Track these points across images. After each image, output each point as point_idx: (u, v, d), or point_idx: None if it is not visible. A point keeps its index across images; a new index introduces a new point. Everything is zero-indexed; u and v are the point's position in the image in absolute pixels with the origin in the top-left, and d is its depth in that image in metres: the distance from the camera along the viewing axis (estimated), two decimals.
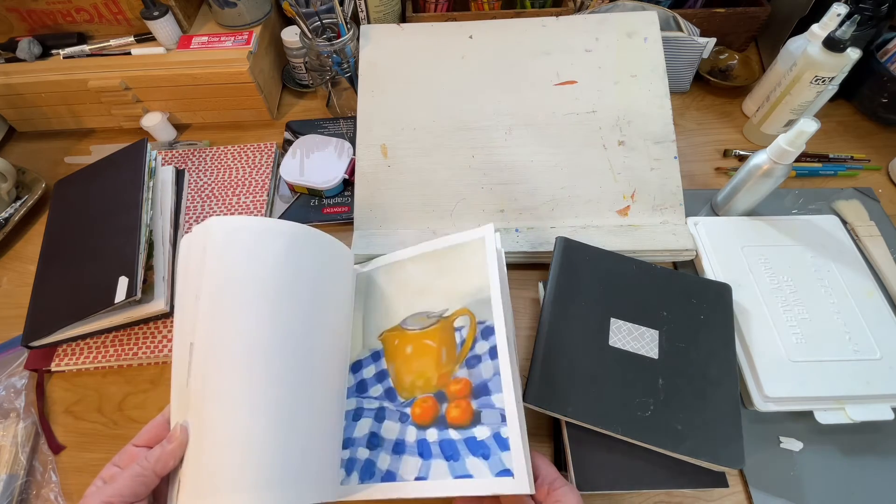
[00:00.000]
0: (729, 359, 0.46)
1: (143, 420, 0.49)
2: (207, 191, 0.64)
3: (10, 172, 0.63)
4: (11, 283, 0.60)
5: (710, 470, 0.42)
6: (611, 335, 0.47)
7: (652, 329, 0.47)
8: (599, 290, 0.49)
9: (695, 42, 0.66)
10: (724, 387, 0.45)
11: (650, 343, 0.46)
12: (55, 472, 0.47)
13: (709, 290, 0.50)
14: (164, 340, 0.52)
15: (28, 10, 0.65)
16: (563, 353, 0.45)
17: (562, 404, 0.43)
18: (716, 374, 0.45)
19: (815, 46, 0.57)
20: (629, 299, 0.49)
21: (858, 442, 0.46)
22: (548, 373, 0.44)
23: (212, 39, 0.67)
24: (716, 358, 0.46)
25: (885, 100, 0.66)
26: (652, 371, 0.45)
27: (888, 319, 0.49)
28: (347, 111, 0.73)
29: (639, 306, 0.49)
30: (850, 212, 0.60)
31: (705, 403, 0.44)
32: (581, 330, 0.47)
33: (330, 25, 0.65)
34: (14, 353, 0.53)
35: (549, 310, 0.48)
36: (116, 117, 0.71)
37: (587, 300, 0.49)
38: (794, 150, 0.50)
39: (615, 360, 0.45)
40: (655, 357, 0.46)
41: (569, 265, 0.51)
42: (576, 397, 0.43)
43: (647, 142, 0.59)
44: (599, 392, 0.44)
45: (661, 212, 0.57)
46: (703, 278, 0.53)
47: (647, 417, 0.43)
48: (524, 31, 0.64)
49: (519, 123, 0.60)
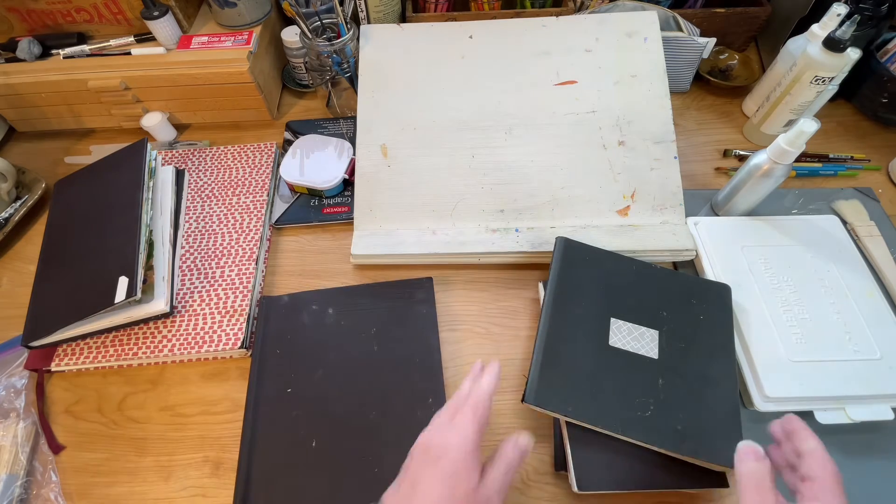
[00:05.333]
0: (728, 359, 0.46)
1: (143, 420, 0.50)
2: (207, 191, 0.64)
3: (10, 172, 0.63)
4: (11, 283, 0.60)
5: (711, 470, 0.42)
6: (611, 335, 0.47)
7: (652, 329, 0.47)
8: (599, 290, 0.49)
9: (695, 42, 0.66)
10: (724, 387, 0.45)
11: (650, 343, 0.46)
12: (55, 472, 0.47)
13: (709, 291, 0.50)
14: (164, 340, 0.52)
15: (28, 10, 0.65)
16: (563, 354, 0.45)
17: (562, 404, 0.43)
18: (715, 375, 0.45)
19: (815, 46, 0.57)
20: (629, 299, 0.49)
21: (858, 442, 0.46)
22: (547, 373, 0.44)
23: (212, 39, 0.67)
24: (715, 358, 0.46)
25: (885, 100, 0.65)
26: (652, 371, 0.45)
27: (888, 319, 0.49)
28: (347, 111, 0.73)
29: (639, 306, 0.48)
30: (850, 212, 0.60)
31: (705, 404, 0.44)
32: (581, 330, 0.47)
33: (330, 25, 0.65)
34: (14, 353, 0.53)
35: (548, 310, 0.48)
36: (116, 117, 0.71)
37: (587, 300, 0.49)
38: (794, 150, 0.50)
39: (615, 359, 0.45)
40: (655, 357, 0.46)
41: (569, 265, 0.51)
42: (576, 397, 0.43)
43: (647, 142, 0.59)
44: (599, 392, 0.44)
45: (661, 212, 0.57)
46: (703, 279, 0.53)
47: (647, 417, 0.43)
48: (524, 31, 0.64)
49: (519, 123, 0.60)
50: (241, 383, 0.51)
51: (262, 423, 0.48)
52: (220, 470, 0.47)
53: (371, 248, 0.57)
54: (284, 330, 0.53)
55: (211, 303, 0.54)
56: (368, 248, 0.57)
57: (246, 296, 0.55)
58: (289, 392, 0.50)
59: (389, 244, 0.57)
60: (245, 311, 0.54)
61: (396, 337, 0.53)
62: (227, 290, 0.55)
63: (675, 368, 0.45)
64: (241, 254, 0.58)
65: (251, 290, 0.55)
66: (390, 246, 0.57)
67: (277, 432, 0.48)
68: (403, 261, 0.57)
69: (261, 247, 0.59)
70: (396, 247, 0.57)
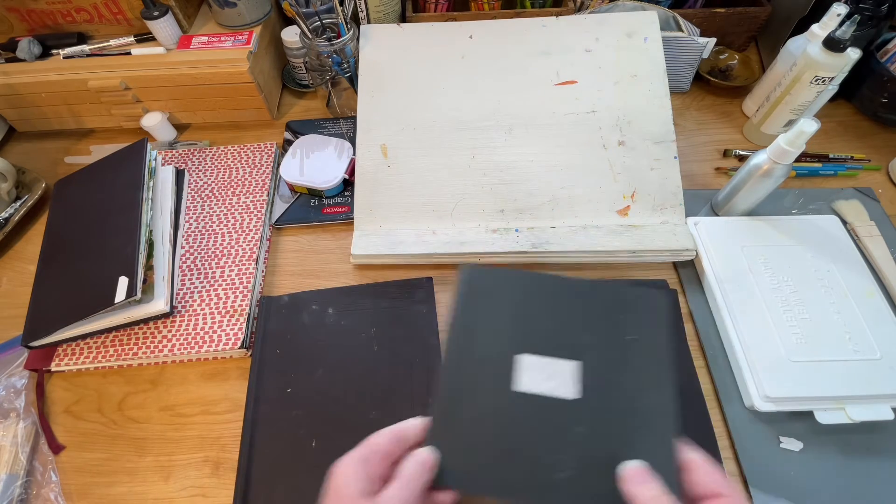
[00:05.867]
0: (663, 387, 0.36)
1: (143, 420, 0.50)
2: (207, 191, 0.64)
3: (10, 172, 0.63)
4: (11, 283, 0.60)
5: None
6: (518, 377, 0.36)
7: (569, 361, 0.36)
8: (507, 323, 0.39)
9: (695, 42, 0.66)
10: (661, 420, 0.35)
11: (567, 380, 0.36)
12: (55, 472, 0.47)
13: (640, 299, 0.39)
14: (164, 340, 0.52)
15: (28, 10, 0.65)
16: (461, 413, 0.35)
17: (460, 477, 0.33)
18: (651, 405, 0.35)
19: (815, 46, 0.57)
20: (544, 328, 0.38)
21: (858, 442, 0.46)
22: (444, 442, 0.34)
23: (212, 39, 0.67)
24: (651, 384, 0.36)
25: (885, 100, 0.65)
26: (567, 417, 0.35)
27: (888, 319, 0.49)
28: (347, 111, 0.73)
29: (556, 334, 0.38)
30: (850, 212, 0.60)
31: (638, 447, 0.33)
32: (482, 376, 0.36)
33: (330, 25, 0.65)
34: (14, 353, 0.53)
35: (446, 361, 0.37)
36: (116, 117, 0.71)
37: (491, 338, 0.38)
38: (794, 150, 0.50)
39: (522, 408, 0.35)
40: (572, 397, 0.35)
41: (472, 299, 0.40)
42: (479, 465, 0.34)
43: (647, 142, 0.59)
44: (506, 454, 0.34)
45: (661, 212, 0.57)
46: (632, 283, 0.45)
47: (565, 479, 0.33)
48: (524, 31, 0.64)
49: (519, 123, 0.60)
50: (241, 383, 0.51)
51: (262, 423, 0.48)
52: (220, 470, 0.47)
53: (371, 248, 0.57)
54: (284, 330, 0.53)
55: (211, 303, 0.54)
56: (368, 248, 0.57)
57: (246, 296, 0.55)
58: (289, 392, 0.50)
59: (389, 244, 0.57)
60: (245, 311, 0.54)
61: (396, 337, 0.53)
62: (227, 290, 0.55)
63: (599, 408, 0.35)
64: (241, 254, 0.58)
65: (251, 290, 0.55)
66: (390, 246, 0.57)
67: (277, 432, 0.48)
68: (403, 261, 0.57)
69: (261, 247, 0.59)
70: (396, 247, 0.57)
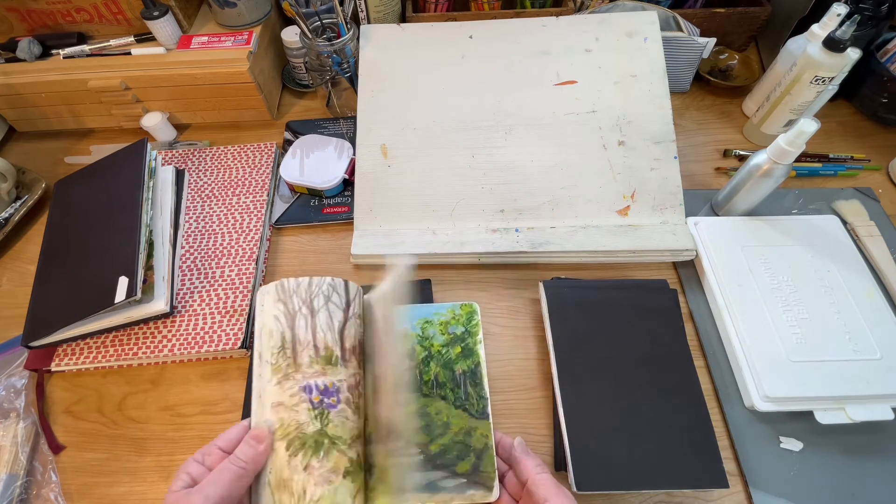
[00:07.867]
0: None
1: (143, 420, 0.50)
2: (207, 191, 0.64)
3: (10, 172, 0.63)
4: (11, 283, 0.60)
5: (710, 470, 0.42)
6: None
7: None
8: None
9: (695, 42, 0.66)
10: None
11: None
12: (55, 472, 0.47)
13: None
14: (164, 340, 0.52)
15: (28, 10, 0.65)
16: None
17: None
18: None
19: (815, 46, 0.57)
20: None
21: (858, 442, 0.46)
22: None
23: (212, 39, 0.67)
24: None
25: (885, 100, 0.65)
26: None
27: (888, 319, 0.49)
28: (347, 111, 0.73)
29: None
30: (850, 212, 0.60)
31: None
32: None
33: (330, 25, 0.65)
34: (14, 353, 0.53)
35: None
36: (116, 117, 0.71)
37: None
38: (794, 150, 0.50)
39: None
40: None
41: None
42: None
43: (647, 142, 0.59)
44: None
45: (661, 212, 0.57)
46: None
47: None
48: (524, 31, 0.64)
49: (519, 123, 0.60)
50: (241, 383, 0.51)
51: None
52: None
53: (371, 248, 0.57)
54: None
55: (211, 303, 0.54)
56: (368, 248, 0.57)
57: (246, 296, 0.55)
58: None
59: (389, 244, 0.57)
60: (245, 310, 0.54)
61: None
62: (227, 290, 0.55)
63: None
64: (241, 254, 0.58)
65: (251, 290, 0.55)
66: (390, 246, 0.57)
67: None
68: None
69: (261, 247, 0.59)
70: (396, 247, 0.57)
